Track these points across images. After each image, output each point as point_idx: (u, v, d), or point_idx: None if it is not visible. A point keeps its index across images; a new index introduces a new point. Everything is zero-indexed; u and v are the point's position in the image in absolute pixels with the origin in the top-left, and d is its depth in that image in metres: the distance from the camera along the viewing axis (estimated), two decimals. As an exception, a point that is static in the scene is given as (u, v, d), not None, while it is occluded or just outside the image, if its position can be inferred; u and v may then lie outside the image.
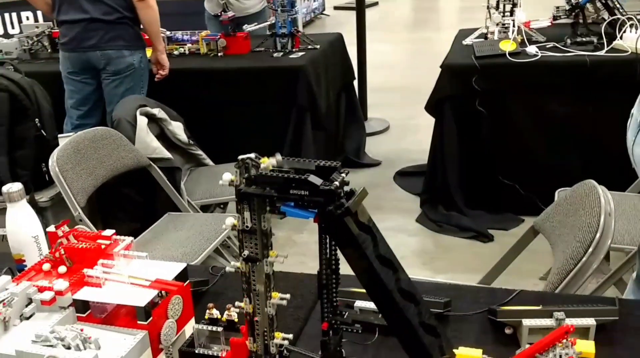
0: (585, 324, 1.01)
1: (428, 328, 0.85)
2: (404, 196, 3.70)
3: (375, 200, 3.72)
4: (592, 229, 1.30)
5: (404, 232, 3.27)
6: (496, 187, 3.02)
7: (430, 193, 3.32)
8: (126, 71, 2.98)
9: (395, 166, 3.99)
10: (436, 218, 3.26)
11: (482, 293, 1.21)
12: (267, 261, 0.90)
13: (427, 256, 3.03)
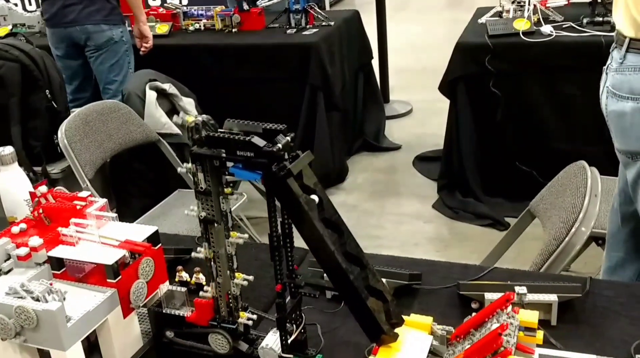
0: (548, 300, 1.04)
1: (374, 292, 0.90)
2: (423, 181, 3.71)
3: (393, 185, 3.75)
4: (575, 210, 1.32)
5: (420, 218, 3.30)
6: (513, 174, 3.01)
7: (447, 178, 3.34)
8: (106, 45, 3.04)
9: (416, 151, 4.00)
10: (453, 205, 3.27)
11: (454, 269, 1.24)
12: (225, 224, 0.96)
13: (441, 244, 3.05)
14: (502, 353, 0.79)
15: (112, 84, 3.10)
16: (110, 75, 3.08)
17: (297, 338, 0.99)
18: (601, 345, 0.99)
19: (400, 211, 3.39)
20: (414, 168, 3.86)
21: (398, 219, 3.30)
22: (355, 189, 3.68)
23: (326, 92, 3.21)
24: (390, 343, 0.89)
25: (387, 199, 3.54)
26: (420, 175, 3.78)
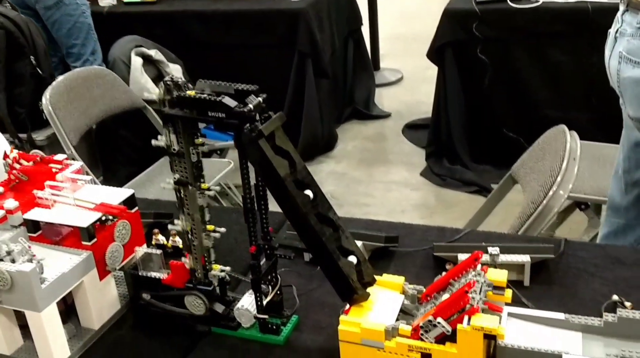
0: (520, 261, 1.04)
1: (347, 253, 0.90)
2: (411, 149, 3.71)
3: (382, 153, 3.74)
4: (554, 173, 1.32)
5: (407, 186, 3.30)
6: (501, 141, 3.01)
7: (434, 145, 3.33)
8: (55, 7, 2.91)
9: (405, 119, 3.98)
10: (440, 172, 3.27)
11: (431, 232, 1.24)
12: (199, 185, 0.95)
13: (427, 211, 3.06)
14: (469, 311, 0.79)
15: (73, 47, 2.98)
16: (70, 39, 2.96)
17: (273, 299, 0.99)
18: (573, 305, 1.00)
19: (388, 179, 3.39)
20: (403, 136, 3.86)
21: (386, 186, 3.30)
22: (344, 157, 3.68)
23: (315, 59, 3.18)
24: (361, 303, 0.89)
25: (375, 167, 3.53)
26: (409, 143, 3.77)
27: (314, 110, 3.41)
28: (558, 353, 0.78)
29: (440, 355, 0.82)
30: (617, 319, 0.82)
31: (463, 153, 3.18)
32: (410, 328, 0.84)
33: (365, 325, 0.85)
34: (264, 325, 0.97)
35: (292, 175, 0.88)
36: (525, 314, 0.87)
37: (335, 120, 3.85)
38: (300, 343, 0.97)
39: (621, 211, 1.54)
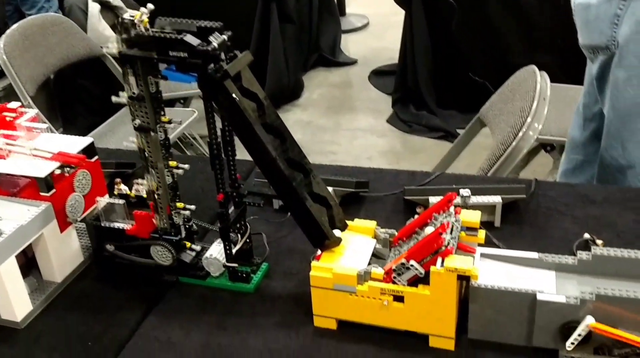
0: (492, 201, 1.02)
1: (318, 199, 0.86)
2: (378, 96, 3.66)
3: (349, 101, 3.69)
4: (524, 113, 1.29)
5: (374, 133, 3.27)
6: (467, 85, 2.98)
7: (401, 91, 3.29)
8: None
9: (372, 65, 3.92)
10: (406, 118, 3.25)
11: (401, 176, 1.21)
12: (160, 129, 0.89)
13: (394, 158, 3.05)
14: (443, 253, 0.77)
15: None
16: None
17: (242, 247, 0.95)
18: (544, 244, 0.99)
19: (354, 126, 3.35)
20: (370, 83, 3.80)
21: (352, 134, 3.26)
22: (310, 105, 3.61)
23: (279, 3, 3.07)
24: (333, 248, 0.86)
25: (342, 114, 3.48)
26: (375, 90, 3.72)
27: (279, 57, 3.31)
28: (532, 292, 0.76)
29: (412, 297, 0.80)
30: (592, 257, 0.81)
31: (429, 99, 3.15)
32: (382, 271, 0.81)
33: (337, 270, 0.82)
34: (234, 274, 0.94)
35: (260, 118, 0.82)
36: (499, 254, 0.85)
37: (301, 67, 3.75)
38: (271, 290, 0.94)
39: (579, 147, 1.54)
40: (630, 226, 1.01)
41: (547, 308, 0.76)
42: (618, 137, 1.33)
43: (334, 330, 0.86)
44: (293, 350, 0.83)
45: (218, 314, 0.90)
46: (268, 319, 0.88)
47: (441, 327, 0.81)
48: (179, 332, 0.88)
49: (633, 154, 1.31)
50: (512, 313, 0.78)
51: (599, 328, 0.73)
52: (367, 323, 0.84)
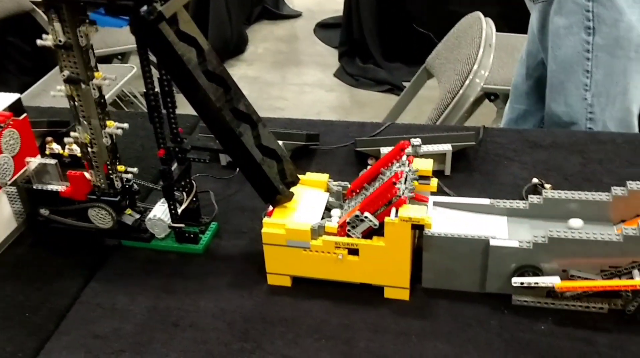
0: (442, 150, 1.00)
1: (267, 152, 0.81)
2: (324, 49, 3.59)
3: (295, 55, 3.60)
4: (470, 61, 1.26)
5: (322, 87, 3.21)
6: (411, 37, 2.94)
7: (347, 45, 3.23)
8: None
9: (317, 18, 3.83)
10: (353, 72, 3.20)
11: (352, 128, 1.18)
12: (93, 83, 0.81)
13: (342, 112, 3.01)
14: (397, 203, 0.74)
15: None
16: None
17: (189, 207, 0.90)
18: (494, 191, 0.97)
19: (302, 81, 3.28)
20: (315, 36, 3.71)
21: (300, 89, 3.19)
22: (256, 60, 3.50)
23: (218, -46, 2.92)
24: (285, 203, 0.82)
25: (288, 69, 3.40)
26: (321, 43, 3.64)
27: (221, 11, 3.17)
28: (485, 238, 0.75)
29: (367, 249, 0.77)
30: (543, 200, 0.80)
31: (375, 51, 3.11)
32: (336, 225, 0.78)
33: (289, 226, 0.78)
34: (181, 235, 0.88)
35: (201, 65, 0.76)
36: (451, 202, 0.83)
37: (244, 21, 3.62)
38: (221, 250, 0.89)
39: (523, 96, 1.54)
40: (577, 169, 1.01)
41: (500, 254, 0.74)
42: (561, 91, 1.32)
43: (288, 287, 0.82)
44: (247, 310, 0.79)
45: (165, 277, 0.85)
46: (219, 280, 0.84)
47: (396, 278, 0.79)
48: (124, 298, 0.82)
49: (575, 109, 1.30)
50: (465, 260, 0.77)
51: (566, 286, 0.72)
52: (322, 278, 0.81)
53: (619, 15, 1.21)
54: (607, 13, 1.21)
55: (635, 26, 1.22)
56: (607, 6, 1.21)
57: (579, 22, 1.24)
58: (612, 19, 1.21)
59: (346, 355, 0.73)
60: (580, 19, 1.23)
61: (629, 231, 0.70)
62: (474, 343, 0.74)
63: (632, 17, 1.21)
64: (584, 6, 1.22)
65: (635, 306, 0.74)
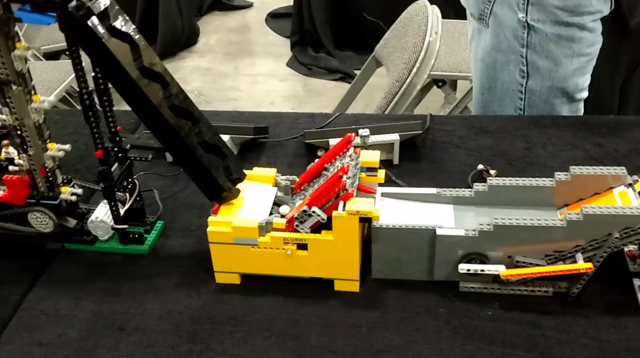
0: (390, 139, 0.98)
1: (210, 148, 0.78)
2: (276, 39, 3.53)
3: (247, 45, 3.53)
4: (417, 49, 1.25)
5: (275, 77, 3.17)
6: (362, 25, 2.92)
7: (299, 34, 3.19)
8: None
9: (268, 8, 3.76)
10: (306, 61, 3.16)
11: (301, 119, 1.15)
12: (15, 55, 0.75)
13: (296, 101, 2.97)
14: (344, 196, 0.72)
15: None
16: None
17: (133, 206, 0.86)
18: (441, 178, 0.97)
19: (255, 71, 3.22)
20: (267, 26, 3.65)
21: (253, 79, 3.14)
22: (208, 51, 3.43)
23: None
24: (232, 200, 0.79)
25: (241, 59, 3.34)
26: (273, 33, 3.59)
27: (170, 2, 3.08)
28: (431, 228, 0.74)
29: (316, 244, 0.75)
30: (487, 188, 0.79)
31: (327, 40, 3.08)
32: (284, 221, 0.75)
33: (236, 224, 0.75)
34: (125, 236, 0.84)
35: (136, 62, 0.72)
36: (399, 192, 0.82)
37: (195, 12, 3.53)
38: (168, 249, 0.86)
39: None
40: (521, 154, 1.01)
41: (447, 243, 0.74)
42: (490, 109, 1.26)
43: (237, 285, 0.80)
44: (194, 310, 0.76)
45: (110, 280, 0.81)
46: (166, 280, 0.81)
47: (346, 271, 0.77)
48: (68, 302, 0.78)
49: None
50: (413, 250, 0.76)
51: (511, 274, 0.72)
52: (272, 274, 0.79)
53: (554, 66, 1.14)
54: (542, 62, 1.14)
55: (570, 76, 1.15)
56: (542, 55, 1.13)
57: (515, 63, 1.16)
58: (547, 68, 1.14)
59: (296, 351, 0.71)
60: (517, 60, 1.16)
61: (572, 216, 0.70)
62: (423, 332, 0.73)
63: (568, 68, 1.14)
64: (519, 52, 1.14)
65: (579, 289, 0.75)
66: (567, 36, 1.11)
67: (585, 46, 1.12)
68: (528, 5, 1.10)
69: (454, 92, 2.15)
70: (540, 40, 1.11)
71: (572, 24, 1.10)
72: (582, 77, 1.16)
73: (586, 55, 1.14)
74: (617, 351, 0.70)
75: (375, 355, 0.71)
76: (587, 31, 1.12)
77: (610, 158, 0.99)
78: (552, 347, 0.70)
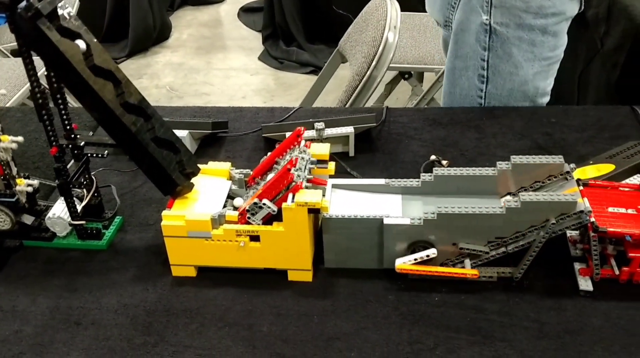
0: (345, 132, 1.00)
1: (163, 144, 0.78)
2: (248, 33, 3.53)
3: (219, 39, 3.52)
4: (376, 43, 1.27)
5: (247, 71, 3.17)
6: (332, 18, 2.93)
7: (270, 28, 3.19)
8: None
9: (241, 2, 3.76)
10: (277, 55, 3.17)
11: (261, 114, 1.16)
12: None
13: (267, 95, 2.98)
14: (293, 188, 0.74)
15: None
16: None
17: (91, 202, 0.86)
18: (395, 169, 0.99)
19: (227, 66, 3.22)
20: (239, 20, 3.64)
21: (225, 73, 3.14)
22: (180, 46, 3.41)
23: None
24: (186, 194, 0.80)
25: (213, 54, 3.33)
26: (245, 27, 3.58)
27: (141, -2, 3.06)
28: (379, 217, 0.75)
29: (268, 235, 0.76)
30: (434, 178, 0.81)
31: (298, 34, 3.08)
32: (236, 213, 0.77)
33: (189, 217, 0.77)
34: (82, 231, 0.85)
35: (87, 61, 0.72)
36: (349, 184, 0.84)
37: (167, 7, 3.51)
38: (126, 244, 0.87)
39: None
40: (473, 144, 1.04)
41: (394, 231, 0.75)
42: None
43: (193, 277, 0.81)
44: (150, 303, 0.77)
45: (68, 275, 0.82)
46: (123, 275, 0.82)
47: (298, 261, 0.79)
48: (25, 299, 0.79)
49: None
50: (363, 239, 0.78)
51: (404, 269, 0.75)
52: (226, 266, 0.80)
53: (515, 69, 1.14)
54: (503, 66, 1.14)
55: (531, 80, 1.15)
56: (503, 59, 1.13)
57: (474, 68, 1.16)
58: (507, 72, 1.14)
59: (248, 341, 0.73)
60: (476, 65, 1.16)
61: (511, 203, 0.72)
62: (372, 319, 0.75)
63: (529, 71, 1.14)
64: (480, 55, 1.14)
65: (522, 274, 0.77)
66: (529, 40, 1.12)
67: (547, 50, 1.13)
68: (492, 7, 1.10)
69: (421, 84, 2.17)
70: (502, 44, 1.12)
71: (534, 27, 1.10)
72: (544, 81, 1.17)
73: (547, 59, 1.15)
74: (556, 332, 0.72)
75: (326, 342, 0.72)
76: (550, 35, 1.12)
77: (558, 146, 1.02)
78: (494, 330, 0.73)
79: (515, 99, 1.17)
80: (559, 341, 0.71)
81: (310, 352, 0.71)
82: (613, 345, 0.71)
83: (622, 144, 0.94)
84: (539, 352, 0.70)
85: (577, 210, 0.71)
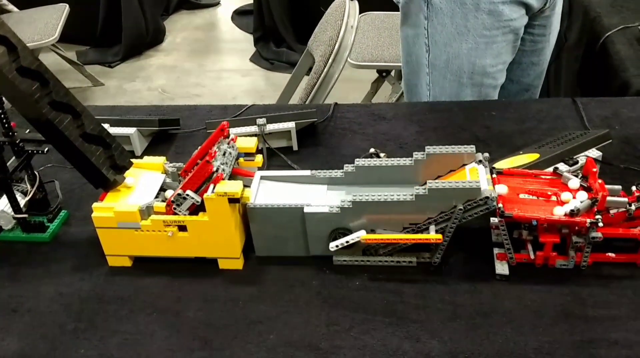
0: (286, 127, 1.03)
1: (93, 139, 0.82)
2: (242, 36, 3.57)
3: (213, 42, 3.57)
4: (332, 42, 1.30)
5: (238, 73, 3.21)
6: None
7: (261, 30, 3.23)
8: None
9: (235, 5, 3.80)
10: (268, 56, 3.21)
11: (215, 111, 1.20)
12: None
13: (257, 95, 3.02)
14: (215, 179, 0.77)
15: None
16: None
17: (35, 197, 0.91)
18: (335, 162, 1.02)
19: (219, 68, 3.27)
20: (233, 23, 3.69)
21: (217, 75, 3.18)
22: (174, 49, 3.47)
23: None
24: (117, 187, 0.84)
25: (206, 56, 3.38)
26: (239, 30, 3.63)
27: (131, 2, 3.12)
28: (300, 206, 0.79)
29: (194, 225, 0.80)
30: (355, 168, 0.84)
31: (287, 35, 3.12)
32: (164, 204, 0.80)
33: (118, 209, 0.80)
34: (26, 225, 0.89)
35: (14, 63, 0.76)
36: (277, 175, 0.87)
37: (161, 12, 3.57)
38: (69, 236, 0.91)
39: None
40: (413, 138, 1.07)
41: (315, 219, 0.79)
42: (415, 95, 1.30)
43: (128, 267, 0.85)
44: (84, 292, 0.81)
45: (11, 266, 0.86)
46: (62, 265, 0.86)
47: (227, 250, 0.82)
48: (-32, 290, 0.83)
49: None
50: (288, 228, 0.81)
51: (369, 239, 0.77)
52: (158, 255, 0.84)
53: (448, 41, 1.17)
54: (439, 36, 1.18)
55: (464, 55, 1.18)
56: (437, 29, 1.17)
57: (421, 36, 1.20)
58: (442, 42, 1.18)
59: (174, 325, 0.76)
60: (420, 34, 1.20)
61: (420, 190, 0.75)
62: (295, 303, 0.78)
63: (462, 46, 1.17)
64: (422, 23, 1.18)
65: (440, 258, 0.80)
66: (462, 14, 1.15)
67: (482, 28, 1.16)
68: None
69: (399, 82, 2.20)
70: (437, 14, 1.16)
71: (466, 2, 1.14)
72: (481, 60, 1.19)
73: (483, 36, 1.17)
74: (468, 314, 0.75)
75: (248, 326, 0.76)
76: (484, 13, 1.14)
77: (495, 138, 1.04)
78: (409, 312, 0.76)
79: (453, 73, 1.20)
80: (470, 322, 0.74)
81: (231, 335, 0.75)
82: (522, 327, 0.73)
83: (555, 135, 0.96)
84: (449, 332, 0.73)
85: (482, 196, 0.74)
